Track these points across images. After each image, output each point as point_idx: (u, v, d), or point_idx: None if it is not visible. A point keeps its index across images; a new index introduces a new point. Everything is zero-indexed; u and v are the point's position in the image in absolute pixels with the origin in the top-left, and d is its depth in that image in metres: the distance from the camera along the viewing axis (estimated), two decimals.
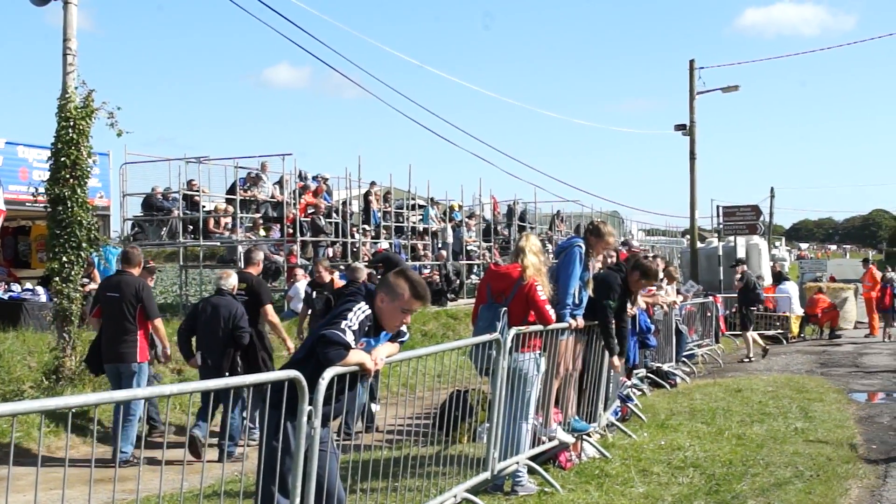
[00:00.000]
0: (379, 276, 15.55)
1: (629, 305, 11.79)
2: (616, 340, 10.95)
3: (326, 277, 14.96)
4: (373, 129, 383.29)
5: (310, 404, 5.82)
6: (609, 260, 11.51)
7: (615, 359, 11.06)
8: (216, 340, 11.93)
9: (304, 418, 5.80)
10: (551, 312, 9.47)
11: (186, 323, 12.59)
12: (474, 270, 31.27)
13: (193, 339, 12.29)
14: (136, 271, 12.30)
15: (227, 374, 11.56)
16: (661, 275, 16.31)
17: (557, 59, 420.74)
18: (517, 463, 9.11)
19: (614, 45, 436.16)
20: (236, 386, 6.17)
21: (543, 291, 9.44)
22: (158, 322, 12.20)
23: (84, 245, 14.15)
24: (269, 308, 12.97)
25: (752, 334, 23.77)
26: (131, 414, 11.62)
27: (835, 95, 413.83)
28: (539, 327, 9.39)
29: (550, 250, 22.85)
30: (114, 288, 12.09)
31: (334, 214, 26.68)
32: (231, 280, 12.47)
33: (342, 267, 21.11)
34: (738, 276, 25.25)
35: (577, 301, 10.24)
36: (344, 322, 6.23)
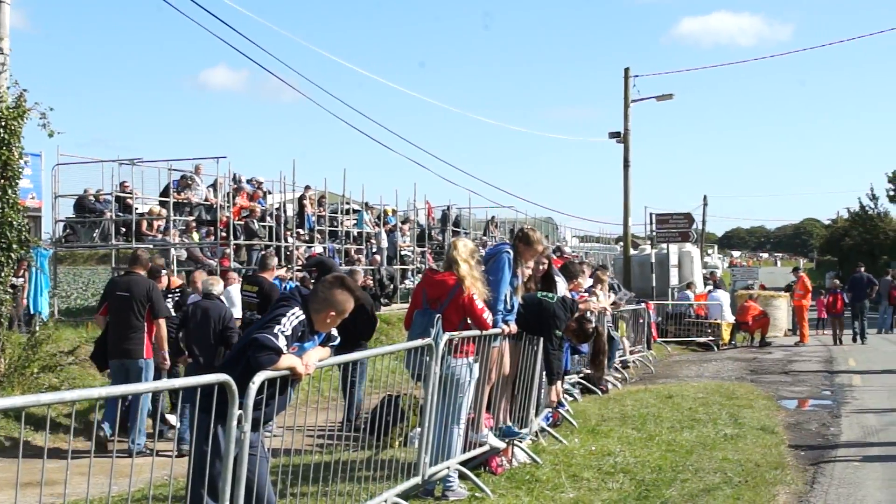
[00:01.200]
0: (313, 281, 15.66)
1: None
2: (555, 367, 11.17)
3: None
4: (309, 133, 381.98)
5: (240, 408, 5.84)
6: (541, 267, 11.58)
7: (554, 389, 11.22)
8: (207, 340, 12.60)
9: (234, 422, 5.82)
10: (489, 320, 9.56)
11: (177, 326, 13.34)
12: (408, 275, 31.33)
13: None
14: (142, 272, 13.00)
15: None
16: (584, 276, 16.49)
17: (494, 66, 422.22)
18: (448, 468, 9.18)
19: (551, 52, 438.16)
20: (166, 389, 6.16)
21: (480, 300, 9.52)
22: (162, 322, 12.79)
23: (14, 246, 14.05)
24: None
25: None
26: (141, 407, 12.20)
27: (767, 105, 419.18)
28: (472, 332, 9.47)
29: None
30: (124, 287, 12.76)
31: (268, 218, 26.58)
32: (219, 286, 13.53)
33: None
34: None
35: (508, 307, 10.33)
36: (277, 327, 6.29)
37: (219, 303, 13.11)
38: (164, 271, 14.98)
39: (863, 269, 35.51)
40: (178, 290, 14.79)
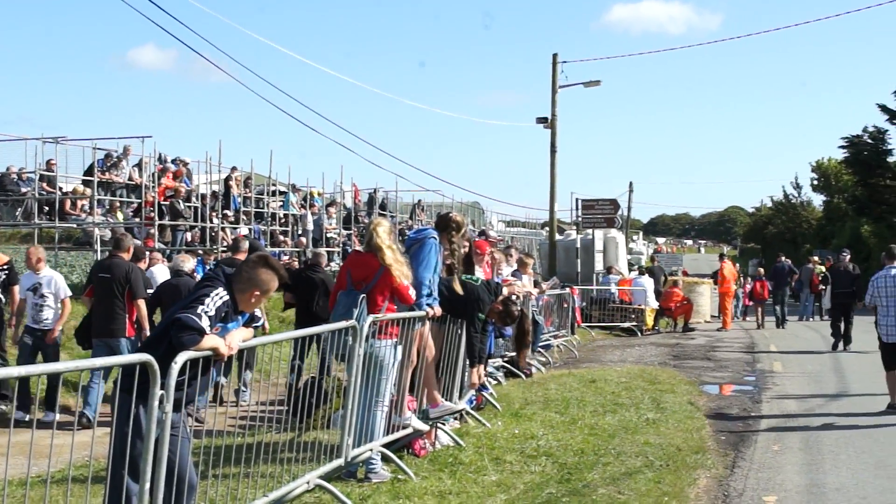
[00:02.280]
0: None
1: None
2: (477, 350, 11.24)
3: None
4: (236, 115, 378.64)
5: (162, 389, 5.82)
6: (462, 250, 11.63)
7: (475, 371, 11.29)
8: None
9: (156, 402, 5.80)
10: (412, 294, 9.64)
11: (150, 303, 13.78)
12: (334, 258, 31.35)
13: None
14: (126, 255, 13.61)
15: None
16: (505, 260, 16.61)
17: (423, 50, 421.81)
18: (371, 450, 9.23)
19: (480, 37, 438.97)
20: (87, 368, 6.12)
21: (405, 279, 9.58)
22: (142, 303, 13.37)
23: None
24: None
25: None
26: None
27: (695, 93, 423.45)
28: (397, 315, 9.51)
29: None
30: (105, 269, 13.47)
31: (194, 199, 26.43)
32: (189, 263, 14.33)
33: (200, 252, 20.97)
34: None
35: (431, 291, 10.40)
36: (200, 307, 6.28)
37: (188, 279, 13.58)
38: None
39: (783, 258, 36.60)
40: (5, 266, 14.45)
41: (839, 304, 25.59)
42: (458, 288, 10.91)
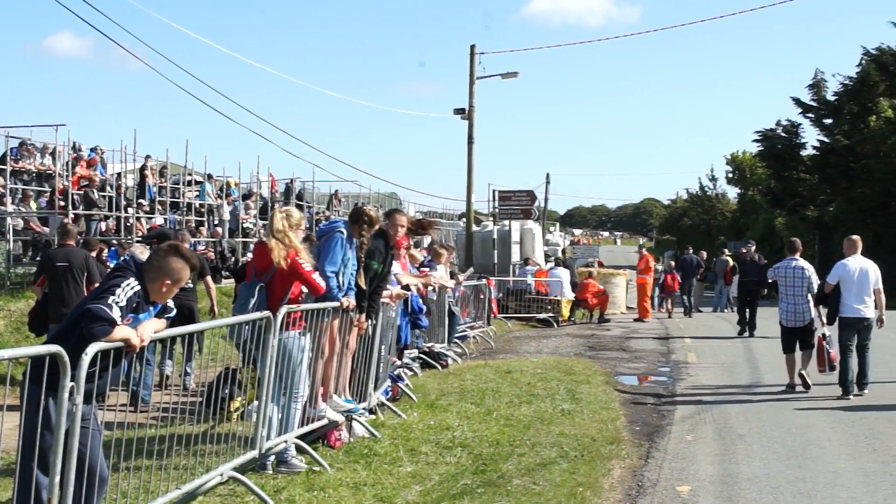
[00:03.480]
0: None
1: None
2: (369, 303, 11.17)
3: None
4: (152, 103, 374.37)
5: (72, 380, 5.76)
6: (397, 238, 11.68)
7: (362, 317, 11.14)
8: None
9: (66, 394, 5.74)
10: (320, 282, 9.59)
11: None
12: (250, 248, 31.15)
13: None
14: (73, 243, 14.40)
15: None
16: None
17: (343, 40, 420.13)
18: (285, 442, 9.22)
19: (400, 27, 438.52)
20: None
21: (307, 263, 9.55)
22: None
23: None
24: (209, 279, 16.09)
25: None
26: None
27: (612, 86, 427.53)
28: (308, 305, 9.50)
29: None
30: (62, 258, 13.92)
31: (108, 188, 26.07)
32: (145, 254, 14.07)
33: (113, 242, 20.73)
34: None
35: (341, 284, 10.41)
36: (111, 297, 6.23)
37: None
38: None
39: (691, 250, 38.60)
40: None
41: (745, 293, 27.33)
42: (362, 282, 10.93)
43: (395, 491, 8.63)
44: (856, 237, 15.84)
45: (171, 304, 7.01)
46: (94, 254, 15.32)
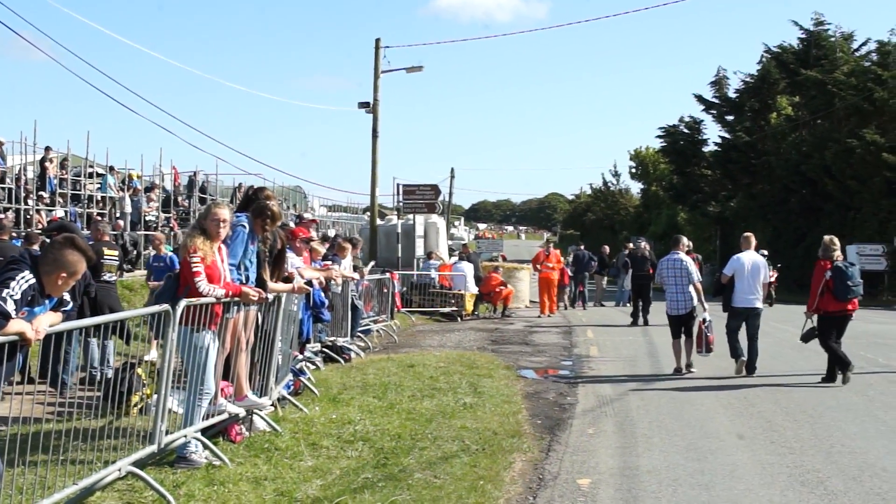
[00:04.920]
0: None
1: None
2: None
3: None
4: (54, 95, 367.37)
5: None
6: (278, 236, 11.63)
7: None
8: (74, 291, 12.56)
9: None
10: (202, 286, 9.49)
11: None
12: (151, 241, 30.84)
13: None
14: (7, 238, 14.58)
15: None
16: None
17: (247, 33, 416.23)
18: (185, 436, 9.16)
19: (306, 20, 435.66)
20: None
21: (201, 265, 9.51)
22: None
23: None
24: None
25: None
26: None
27: (518, 81, 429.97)
28: (209, 300, 9.44)
29: None
30: (2, 252, 13.48)
31: (7, 180, 25.61)
32: None
33: (14, 234, 20.38)
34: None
35: (242, 278, 10.41)
36: (5, 290, 6.16)
37: None
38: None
39: (583, 247, 40.61)
40: None
41: (637, 286, 29.43)
42: (267, 276, 10.93)
43: (295, 485, 8.63)
44: (749, 234, 17.55)
45: (66, 297, 6.93)
46: (35, 247, 14.95)
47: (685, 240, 18.77)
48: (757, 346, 16.72)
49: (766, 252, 29.01)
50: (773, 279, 30.45)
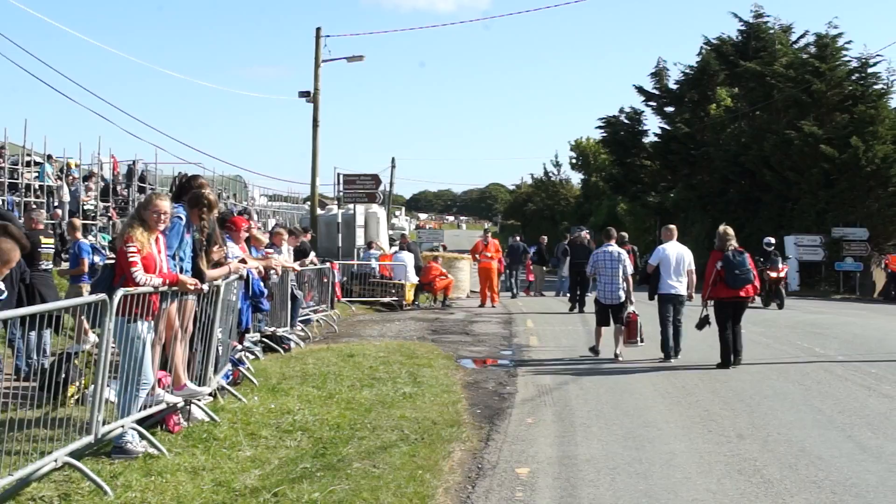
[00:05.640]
0: None
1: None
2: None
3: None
4: None
5: None
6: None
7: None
8: (10, 280, 12.46)
9: None
10: (138, 276, 9.45)
11: None
12: (91, 231, 30.52)
13: None
14: None
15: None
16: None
17: (188, 21, 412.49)
18: (122, 426, 9.11)
19: (248, 9, 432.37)
20: None
21: (137, 255, 9.48)
22: None
23: None
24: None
25: None
26: None
27: (460, 71, 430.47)
28: (146, 289, 9.40)
29: None
30: None
31: None
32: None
33: None
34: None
35: (182, 268, 10.39)
36: None
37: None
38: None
39: (518, 238, 41.55)
40: None
41: (576, 274, 30.08)
42: (203, 265, 10.89)
43: (233, 475, 8.62)
44: (672, 226, 19.03)
45: (1, 286, 6.87)
46: None
47: (615, 231, 19.91)
48: (680, 330, 17.60)
49: (773, 240, 32.42)
50: (783, 274, 31.78)
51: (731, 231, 17.20)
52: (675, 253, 17.80)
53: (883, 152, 45.84)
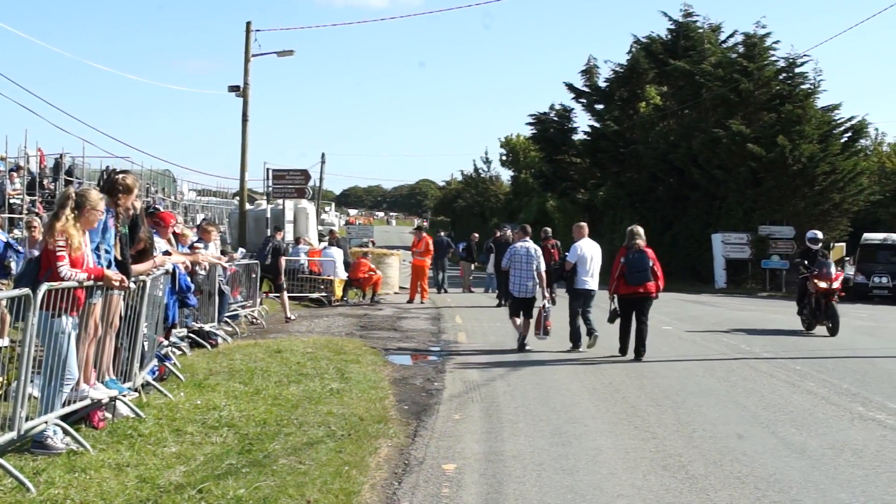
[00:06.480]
0: None
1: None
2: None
3: None
4: None
5: None
6: (129, 213, 11.51)
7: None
8: None
9: None
10: (63, 270, 9.38)
11: None
12: (17, 224, 30.13)
13: None
14: None
15: None
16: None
17: (117, 14, 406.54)
18: (46, 422, 9.02)
19: (178, 3, 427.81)
20: None
21: (65, 251, 9.40)
22: None
23: None
24: None
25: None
26: None
27: (389, 66, 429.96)
28: (71, 284, 9.32)
29: None
30: None
31: None
32: None
33: None
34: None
35: (108, 262, 10.32)
36: None
37: None
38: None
39: (443, 234, 42.83)
40: None
41: (501, 270, 29.18)
42: (117, 252, 10.81)
43: (158, 471, 8.58)
44: (583, 224, 19.85)
45: None
46: None
47: (529, 228, 21.15)
48: (590, 319, 18.68)
49: (819, 235, 24.50)
50: (836, 284, 23.25)
51: (639, 230, 17.89)
52: (590, 250, 18.89)
53: (809, 151, 46.60)
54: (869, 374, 15.74)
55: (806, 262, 23.14)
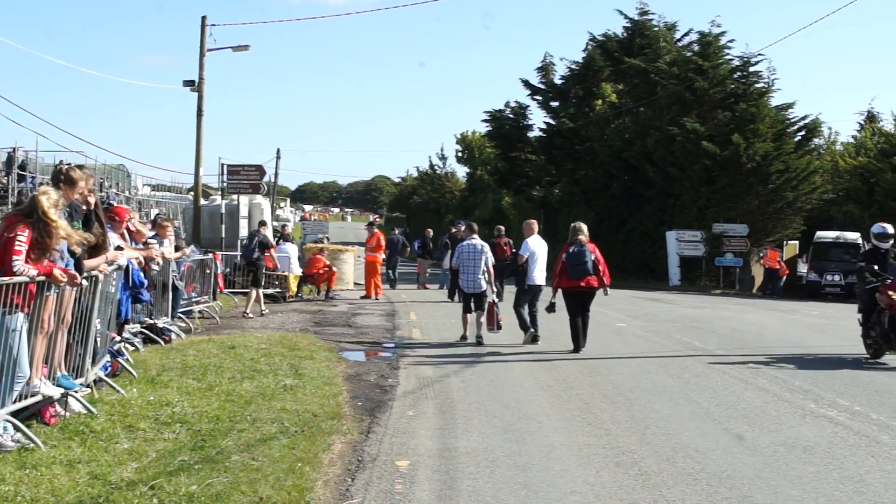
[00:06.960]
0: None
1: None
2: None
3: None
4: None
5: None
6: (83, 207, 11.47)
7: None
8: None
9: None
10: (17, 265, 9.33)
11: None
12: None
13: None
14: None
15: None
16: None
17: (72, 7, 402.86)
18: None
19: None
20: None
21: (25, 244, 9.35)
22: None
23: None
24: None
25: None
26: None
27: (345, 62, 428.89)
28: (21, 279, 9.27)
29: None
30: None
31: None
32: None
33: None
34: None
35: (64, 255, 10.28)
36: None
37: None
38: None
39: (397, 231, 43.08)
40: None
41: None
42: (76, 248, 10.77)
43: (110, 468, 8.55)
44: (533, 221, 20.55)
45: None
46: None
47: (476, 226, 22.28)
48: (536, 315, 19.36)
49: (890, 229, 17.73)
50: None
51: (582, 226, 18.35)
52: (539, 247, 19.52)
53: (763, 150, 47.03)
54: (820, 371, 15.91)
55: (875, 267, 17.05)
